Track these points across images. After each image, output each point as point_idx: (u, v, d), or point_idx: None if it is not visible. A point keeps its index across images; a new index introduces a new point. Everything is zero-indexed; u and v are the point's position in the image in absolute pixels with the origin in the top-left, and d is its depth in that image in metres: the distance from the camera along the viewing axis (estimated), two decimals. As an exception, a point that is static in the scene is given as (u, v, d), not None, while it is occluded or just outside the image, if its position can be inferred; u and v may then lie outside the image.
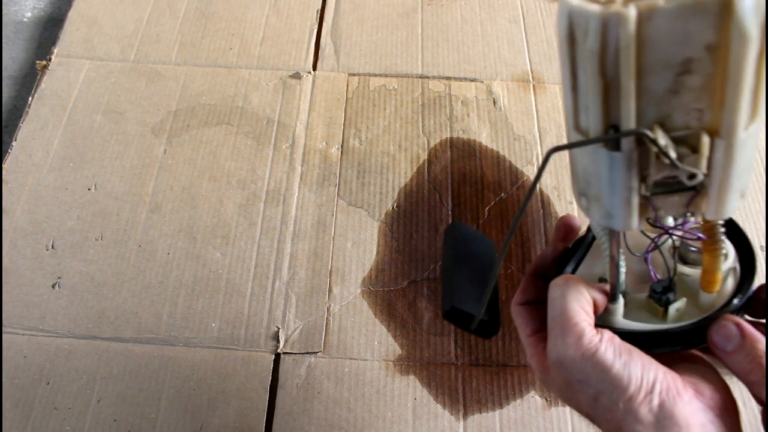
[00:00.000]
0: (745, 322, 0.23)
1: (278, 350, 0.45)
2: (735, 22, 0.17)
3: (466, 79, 0.60)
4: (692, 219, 0.24)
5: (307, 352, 0.45)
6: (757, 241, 0.52)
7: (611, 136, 0.20)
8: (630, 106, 0.19)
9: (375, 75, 0.60)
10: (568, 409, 0.43)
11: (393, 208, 0.52)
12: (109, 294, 0.47)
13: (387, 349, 0.45)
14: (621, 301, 0.27)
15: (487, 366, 0.45)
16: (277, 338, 0.45)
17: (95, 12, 0.63)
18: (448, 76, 0.60)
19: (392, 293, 0.47)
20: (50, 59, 0.59)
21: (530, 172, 0.54)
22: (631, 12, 0.17)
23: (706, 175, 0.21)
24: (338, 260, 0.49)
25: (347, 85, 0.59)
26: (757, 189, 0.54)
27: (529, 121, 0.57)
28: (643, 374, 0.23)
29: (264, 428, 0.42)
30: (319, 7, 0.65)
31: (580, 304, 0.24)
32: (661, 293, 0.26)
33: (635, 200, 0.22)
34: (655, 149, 0.20)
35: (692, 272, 0.27)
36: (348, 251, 0.49)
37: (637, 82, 0.19)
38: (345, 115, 0.57)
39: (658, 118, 0.20)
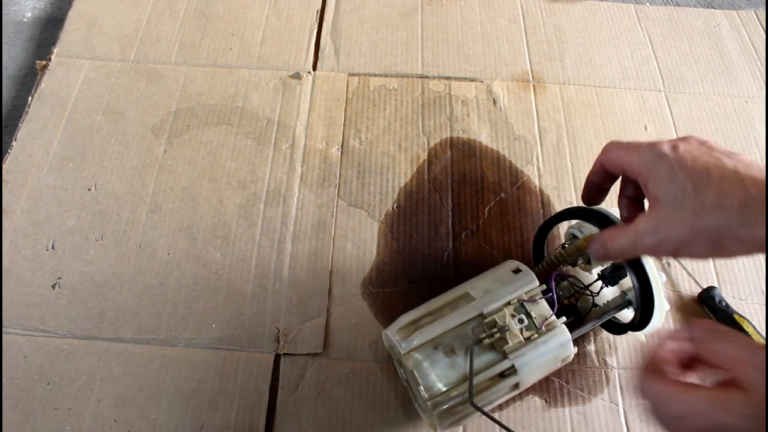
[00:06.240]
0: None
1: (278, 351, 0.45)
2: None
3: (466, 79, 0.60)
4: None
5: (308, 353, 0.45)
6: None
7: None
8: None
9: (375, 75, 0.60)
10: (567, 409, 0.43)
11: (393, 208, 0.52)
12: (109, 294, 0.47)
13: (387, 350, 0.45)
14: None
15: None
16: (277, 339, 0.45)
17: (95, 12, 0.63)
18: (448, 76, 0.60)
19: (392, 294, 0.47)
20: (50, 59, 0.59)
21: (530, 172, 0.54)
22: None
23: None
24: (338, 261, 0.49)
25: (347, 85, 0.59)
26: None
27: (529, 121, 0.57)
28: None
29: (264, 429, 0.42)
30: (319, 7, 0.65)
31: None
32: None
33: None
34: None
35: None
36: (348, 252, 0.49)
37: None
38: (345, 116, 0.57)
39: None
